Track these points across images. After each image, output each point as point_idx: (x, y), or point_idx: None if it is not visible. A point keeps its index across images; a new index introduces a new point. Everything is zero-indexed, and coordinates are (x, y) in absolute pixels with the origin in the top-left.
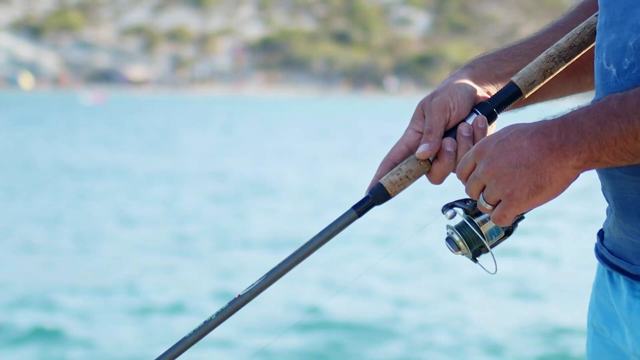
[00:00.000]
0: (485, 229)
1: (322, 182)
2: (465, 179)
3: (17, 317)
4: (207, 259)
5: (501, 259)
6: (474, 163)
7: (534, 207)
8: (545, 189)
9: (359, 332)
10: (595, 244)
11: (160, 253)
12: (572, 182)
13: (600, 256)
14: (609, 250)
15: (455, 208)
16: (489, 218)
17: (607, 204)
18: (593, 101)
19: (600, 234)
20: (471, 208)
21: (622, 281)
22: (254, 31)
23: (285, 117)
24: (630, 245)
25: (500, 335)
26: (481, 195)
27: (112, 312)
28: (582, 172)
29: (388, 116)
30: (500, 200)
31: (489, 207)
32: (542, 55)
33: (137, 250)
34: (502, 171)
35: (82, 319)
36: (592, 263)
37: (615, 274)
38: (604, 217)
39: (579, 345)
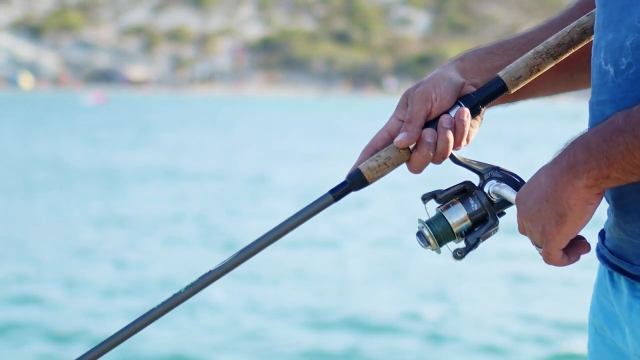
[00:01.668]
0: (456, 227)
1: (321, 181)
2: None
3: (17, 317)
4: (207, 258)
5: (502, 258)
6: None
7: (570, 238)
8: (567, 216)
9: (360, 332)
10: (597, 244)
11: (160, 252)
12: (594, 205)
13: (601, 256)
14: (609, 251)
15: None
16: (465, 218)
17: (607, 204)
18: (590, 101)
19: (602, 234)
20: (443, 198)
21: (622, 281)
22: (254, 31)
23: (285, 117)
24: (631, 245)
25: (500, 334)
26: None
27: (112, 312)
28: (597, 192)
29: (388, 116)
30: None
31: (540, 250)
32: (530, 52)
33: (136, 250)
34: (531, 211)
35: (82, 318)
36: (594, 263)
37: (616, 274)
38: (604, 217)
39: (580, 345)
